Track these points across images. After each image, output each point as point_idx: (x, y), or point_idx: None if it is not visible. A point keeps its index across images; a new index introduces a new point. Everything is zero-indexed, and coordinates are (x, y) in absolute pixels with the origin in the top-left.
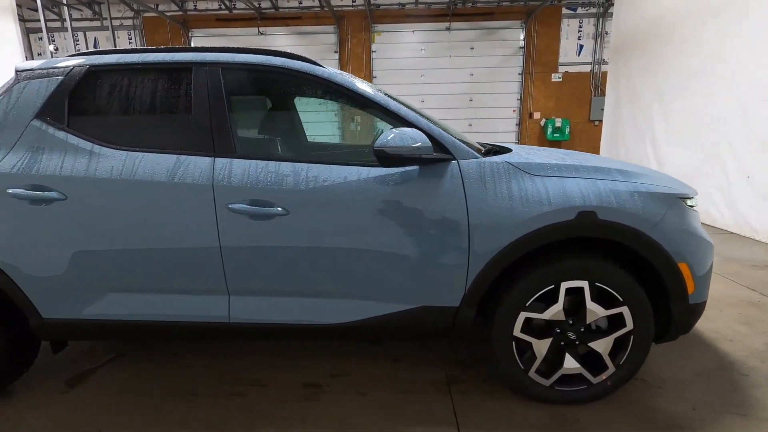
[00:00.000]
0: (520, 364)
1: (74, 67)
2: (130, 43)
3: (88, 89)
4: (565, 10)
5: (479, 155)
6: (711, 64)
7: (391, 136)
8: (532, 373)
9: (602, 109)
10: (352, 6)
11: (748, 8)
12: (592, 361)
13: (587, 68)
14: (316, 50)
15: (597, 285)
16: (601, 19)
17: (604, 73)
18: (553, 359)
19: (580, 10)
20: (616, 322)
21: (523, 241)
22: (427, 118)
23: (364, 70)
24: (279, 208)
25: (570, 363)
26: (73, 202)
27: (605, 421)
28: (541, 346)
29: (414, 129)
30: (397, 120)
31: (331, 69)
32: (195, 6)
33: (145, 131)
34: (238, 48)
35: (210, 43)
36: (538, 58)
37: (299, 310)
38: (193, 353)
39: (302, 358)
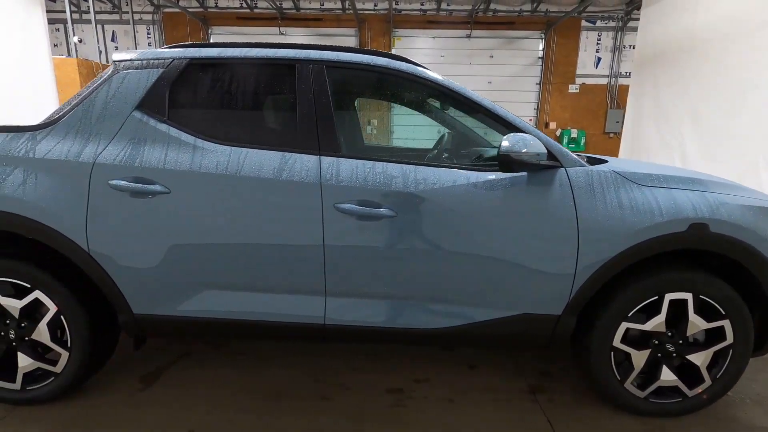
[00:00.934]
0: (617, 375)
1: (174, 59)
2: (148, 38)
3: (188, 82)
4: (584, 23)
5: (585, 163)
6: (749, 82)
7: (515, 141)
8: (627, 384)
9: (618, 122)
10: (374, 10)
11: None
12: (688, 374)
13: (604, 81)
14: None
15: (700, 297)
16: (619, 33)
17: (621, 86)
18: (648, 371)
19: (599, 23)
20: (715, 335)
21: (632, 251)
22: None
23: None
24: (387, 210)
25: (667, 375)
26: (177, 196)
27: None
28: (640, 358)
29: (530, 135)
30: (505, 125)
31: (434, 72)
32: (216, 3)
33: (246, 127)
34: (339, 47)
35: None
36: (556, 68)
37: (397, 313)
38: (262, 352)
39: (380, 362)
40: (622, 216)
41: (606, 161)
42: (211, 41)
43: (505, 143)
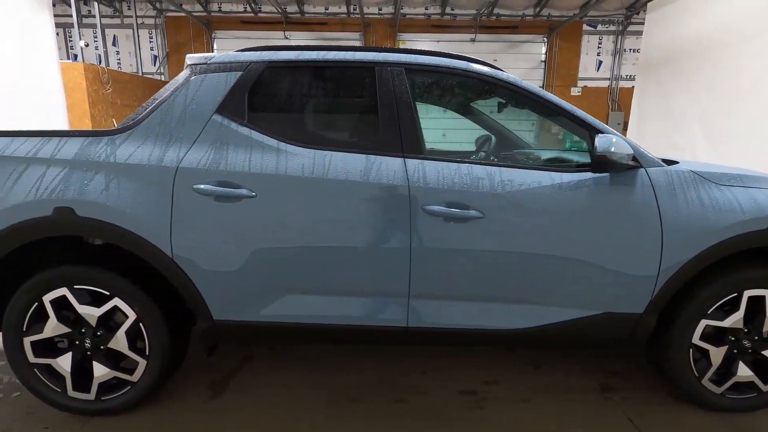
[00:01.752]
0: (695, 372)
1: (252, 62)
2: (150, 42)
3: (266, 85)
4: (585, 27)
5: (663, 164)
6: (760, 84)
7: (610, 142)
8: (705, 381)
9: (619, 124)
10: (378, 14)
11: None
12: (763, 369)
13: (605, 83)
14: None
15: None
16: (620, 37)
17: (622, 89)
18: (724, 367)
19: (600, 27)
20: None
21: (714, 249)
22: None
23: None
24: (475, 211)
25: (743, 371)
26: (263, 200)
27: None
28: (718, 354)
29: (617, 136)
30: (585, 127)
31: (513, 75)
32: (219, 7)
33: (327, 130)
34: (414, 50)
35: (233, 46)
36: (559, 71)
37: (480, 314)
38: (324, 356)
39: (445, 364)
40: (704, 215)
41: (677, 162)
42: (214, 46)
43: (602, 145)
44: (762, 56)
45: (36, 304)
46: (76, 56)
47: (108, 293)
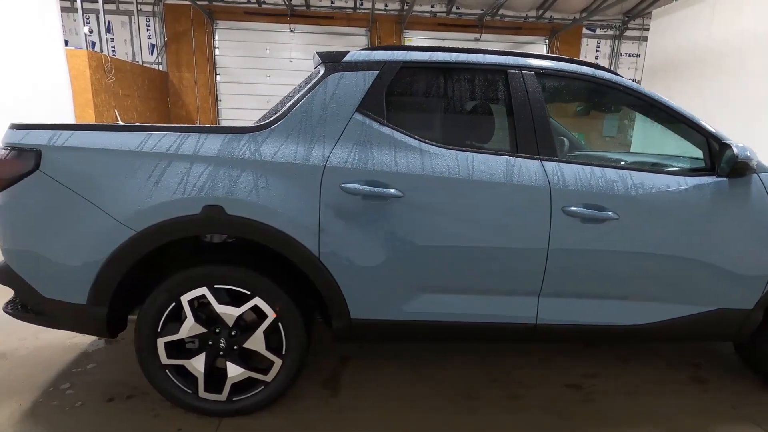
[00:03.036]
0: None
1: (387, 62)
2: (148, 30)
3: (401, 85)
4: (585, 31)
5: None
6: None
7: (746, 149)
8: None
9: (614, 126)
10: (384, 10)
11: None
12: None
13: None
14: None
15: None
16: (617, 41)
17: None
18: None
19: (598, 31)
20: None
21: None
22: None
23: None
24: (611, 213)
25: None
26: (410, 199)
27: None
28: None
29: (743, 145)
30: (705, 135)
31: (635, 83)
32: None
33: (464, 131)
34: (541, 54)
35: (236, 36)
36: None
37: (603, 311)
38: (421, 353)
39: (540, 360)
40: None
41: None
42: (216, 37)
43: (742, 153)
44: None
45: (173, 304)
46: (67, 42)
47: (249, 293)
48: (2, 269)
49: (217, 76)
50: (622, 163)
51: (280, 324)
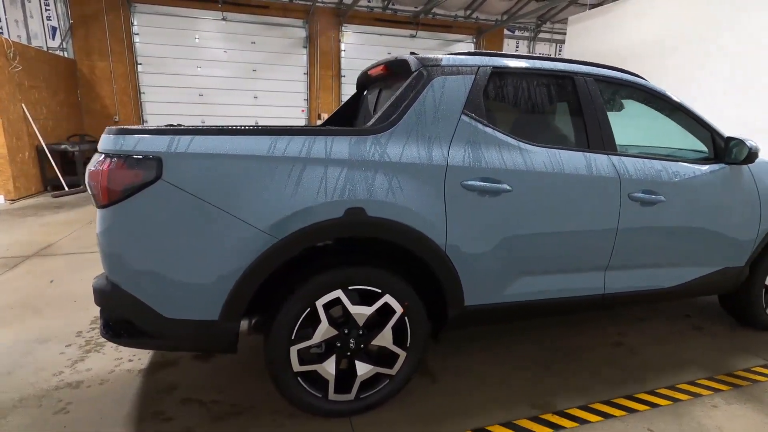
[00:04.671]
0: (764, 305)
1: (480, 66)
2: (47, 11)
3: (493, 88)
4: (506, 31)
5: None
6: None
7: (753, 142)
8: (766, 310)
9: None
10: (322, 3)
11: (708, 49)
12: None
13: None
14: (284, 43)
15: None
16: (532, 42)
17: None
18: None
19: (517, 33)
20: None
21: None
22: None
23: (332, 69)
24: (662, 196)
25: None
26: (517, 193)
27: None
28: None
29: (744, 138)
30: (711, 131)
31: (662, 88)
32: None
33: (547, 130)
34: (596, 63)
35: (158, 22)
36: None
37: (651, 278)
38: (486, 336)
39: (578, 330)
40: None
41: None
42: (134, 21)
43: (753, 145)
44: (680, 69)
45: (308, 310)
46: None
47: (380, 291)
48: (110, 293)
49: (138, 66)
50: (660, 154)
51: (406, 318)
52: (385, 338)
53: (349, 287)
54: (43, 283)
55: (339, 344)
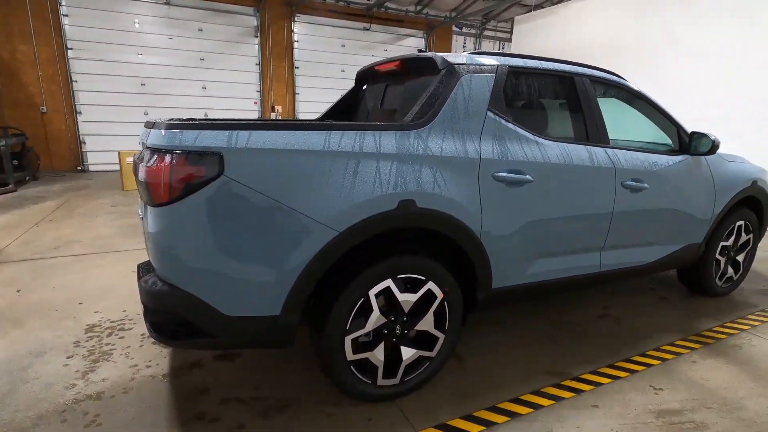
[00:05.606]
0: (714, 275)
1: (498, 66)
2: None
3: (510, 87)
4: (454, 28)
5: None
6: None
7: (714, 136)
8: (717, 279)
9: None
10: None
11: (648, 51)
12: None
13: None
14: (234, 32)
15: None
16: (478, 40)
17: None
18: (724, 270)
19: (464, 30)
20: None
21: (736, 199)
22: None
23: (285, 59)
24: (646, 184)
25: (729, 269)
26: (538, 183)
27: None
28: (725, 263)
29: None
30: (677, 126)
31: (641, 88)
32: None
33: (556, 125)
34: (585, 64)
35: (91, 3)
36: None
37: (635, 255)
38: (491, 320)
39: (567, 305)
40: (733, 178)
41: None
42: (63, 2)
43: (715, 138)
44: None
45: (362, 300)
46: None
47: (423, 278)
48: (167, 294)
49: (69, 51)
50: (638, 146)
51: (446, 303)
52: (427, 322)
53: (398, 276)
54: (10, 292)
55: (386, 331)
